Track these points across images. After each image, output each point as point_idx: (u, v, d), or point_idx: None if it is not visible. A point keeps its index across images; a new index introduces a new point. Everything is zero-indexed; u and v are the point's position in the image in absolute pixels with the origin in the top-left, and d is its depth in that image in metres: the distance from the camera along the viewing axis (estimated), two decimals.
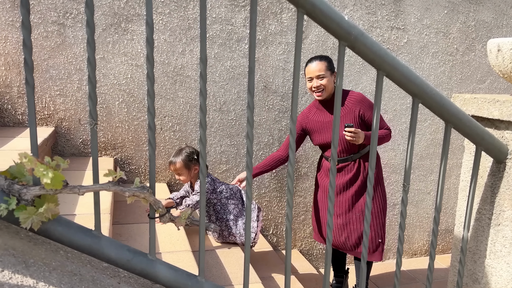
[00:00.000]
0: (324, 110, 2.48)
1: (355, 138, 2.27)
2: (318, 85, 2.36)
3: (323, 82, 2.36)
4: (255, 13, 0.99)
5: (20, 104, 2.56)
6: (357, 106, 2.41)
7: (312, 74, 2.37)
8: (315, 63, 2.37)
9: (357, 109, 2.40)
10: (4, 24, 2.46)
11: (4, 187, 0.93)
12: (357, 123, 2.41)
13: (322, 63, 2.36)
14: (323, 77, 2.36)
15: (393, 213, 3.65)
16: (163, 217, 1.06)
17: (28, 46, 0.90)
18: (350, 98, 2.43)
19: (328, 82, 2.37)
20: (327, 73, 2.36)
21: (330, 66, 2.39)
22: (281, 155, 2.58)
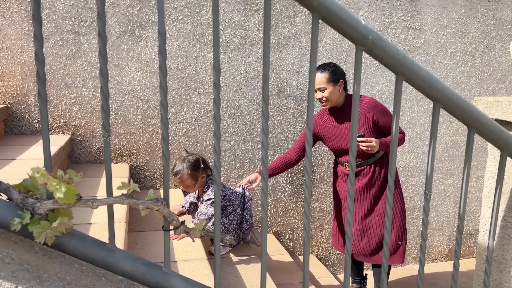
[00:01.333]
0: (335, 117, 2.45)
1: (370, 147, 2.24)
2: (320, 97, 2.34)
3: (324, 94, 2.33)
4: (268, 31, 0.97)
5: (37, 113, 2.59)
6: (370, 111, 2.36)
7: (315, 86, 2.34)
8: (317, 74, 2.33)
9: (370, 115, 2.36)
10: (21, 33, 2.49)
11: (18, 201, 0.92)
12: (371, 129, 2.36)
13: (322, 75, 2.32)
14: (324, 89, 2.32)
15: (412, 217, 3.58)
16: (178, 229, 1.04)
17: (40, 59, 0.89)
18: (362, 103, 2.38)
19: (331, 94, 2.32)
20: (329, 85, 2.32)
21: (333, 77, 2.32)
22: (290, 158, 2.52)
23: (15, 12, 2.47)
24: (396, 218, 2.44)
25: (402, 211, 2.47)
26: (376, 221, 2.43)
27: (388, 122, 2.38)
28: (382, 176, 2.43)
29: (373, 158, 2.41)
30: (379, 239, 2.43)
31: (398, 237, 2.44)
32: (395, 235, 2.43)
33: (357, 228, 2.46)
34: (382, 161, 2.43)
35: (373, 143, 2.24)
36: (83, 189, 2.13)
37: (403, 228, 2.46)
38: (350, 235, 1.15)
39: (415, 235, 3.62)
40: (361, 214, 2.44)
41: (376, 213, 2.43)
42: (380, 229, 2.42)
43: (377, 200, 2.43)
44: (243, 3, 2.83)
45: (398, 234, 2.44)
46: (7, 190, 0.94)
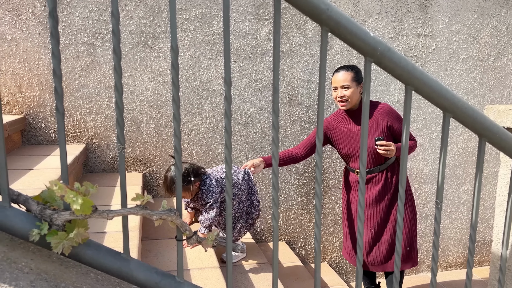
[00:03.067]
0: (349, 120, 2.43)
1: (389, 151, 2.24)
2: (342, 95, 2.32)
3: (347, 93, 2.31)
4: (278, 41, 0.99)
5: (53, 123, 2.65)
6: (384, 117, 2.36)
7: (337, 84, 2.33)
8: (341, 72, 2.33)
9: (385, 120, 2.36)
10: (37, 46, 2.56)
11: (37, 212, 0.95)
12: (385, 134, 2.36)
13: (348, 73, 2.32)
14: (347, 88, 2.31)
15: (425, 224, 3.54)
16: (190, 239, 1.06)
17: (58, 75, 0.93)
18: (378, 109, 2.39)
19: (353, 93, 2.32)
20: (353, 84, 2.31)
21: (356, 77, 2.33)
22: (297, 153, 2.48)
23: (32, 26, 2.54)
24: (405, 225, 2.43)
25: (412, 217, 2.45)
26: (387, 228, 2.42)
27: (400, 128, 2.38)
28: (394, 183, 2.42)
29: (384, 165, 2.40)
30: (389, 245, 2.41)
31: (405, 244, 2.43)
32: (403, 242, 2.42)
33: (369, 236, 2.44)
34: (393, 167, 2.43)
35: (392, 147, 2.24)
36: (98, 198, 2.17)
37: (411, 234, 2.44)
38: (361, 244, 1.15)
39: (429, 242, 3.58)
40: (373, 222, 2.43)
41: (389, 221, 2.42)
42: (388, 235, 2.41)
43: (389, 208, 2.42)
44: (254, 12, 2.86)
45: (405, 240, 2.43)
46: (26, 201, 0.97)
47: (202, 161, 2.91)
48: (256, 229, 3.12)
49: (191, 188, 2.16)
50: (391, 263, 2.43)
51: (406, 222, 2.43)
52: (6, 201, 0.94)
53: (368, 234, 2.45)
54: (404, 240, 2.42)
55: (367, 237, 2.45)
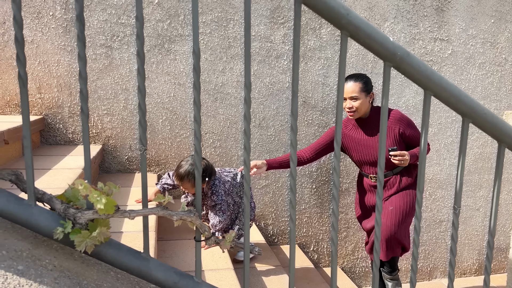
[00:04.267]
0: (360, 128, 2.43)
1: (403, 161, 2.24)
2: (350, 107, 2.31)
3: (355, 104, 2.30)
4: (298, 45, 1.00)
5: (71, 124, 2.69)
6: (396, 124, 2.35)
7: (346, 95, 2.32)
8: (350, 83, 2.31)
9: (396, 128, 2.35)
10: (57, 48, 2.61)
11: (61, 211, 0.98)
12: (397, 141, 2.35)
13: (356, 84, 2.30)
14: (356, 99, 2.30)
15: (440, 230, 3.51)
16: (209, 240, 1.07)
17: (84, 77, 0.95)
18: (389, 117, 2.37)
19: (361, 104, 2.31)
20: (361, 95, 2.30)
21: (365, 87, 2.31)
22: (302, 156, 2.47)
23: (52, 28, 2.59)
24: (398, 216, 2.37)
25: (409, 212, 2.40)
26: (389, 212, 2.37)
27: (414, 134, 2.37)
28: (408, 183, 2.42)
29: (397, 168, 2.40)
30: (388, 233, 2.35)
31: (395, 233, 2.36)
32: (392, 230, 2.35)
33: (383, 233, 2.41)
34: (408, 170, 2.42)
35: (406, 156, 2.24)
36: (114, 198, 2.20)
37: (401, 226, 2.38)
38: (378, 249, 1.15)
39: (443, 248, 3.55)
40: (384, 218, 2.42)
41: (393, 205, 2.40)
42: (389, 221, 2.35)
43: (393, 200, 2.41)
44: (269, 16, 2.88)
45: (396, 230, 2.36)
46: (50, 200, 0.99)
47: (216, 163, 2.93)
48: (268, 231, 3.13)
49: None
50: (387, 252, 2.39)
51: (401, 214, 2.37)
52: (32, 199, 0.96)
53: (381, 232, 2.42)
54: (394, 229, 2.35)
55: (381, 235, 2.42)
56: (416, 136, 2.38)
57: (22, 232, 1.03)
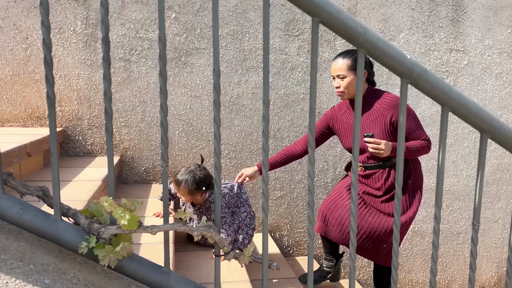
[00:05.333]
0: (352, 111, 2.22)
1: (378, 150, 2.00)
2: (338, 86, 2.13)
3: (342, 83, 2.11)
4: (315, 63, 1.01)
5: (90, 136, 2.75)
6: (389, 111, 2.10)
7: (334, 73, 2.14)
8: (337, 60, 2.13)
9: (389, 115, 2.10)
10: (77, 62, 2.68)
11: (85, 226, 1.00)
12: (388, 131, 2.11)
13: (344, 61, 2.10)
14: (343, 77, 2.10)
15: (457, 242, 3.46)
16: (228, 254, 1.09)
17: (108, 96, 0.99)
18: (383, 101, 2.14)
19: (350, 84, 2.10)
20: (349, 73, 2.09)
21: (355, 65, 2.09)
22: (296, 150, 2.33)
23: (72, 43, 2.66)
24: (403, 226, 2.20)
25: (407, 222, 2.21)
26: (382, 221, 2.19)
27: (410, 126, 2.11)
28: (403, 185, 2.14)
29: (389, 162, 2.17)
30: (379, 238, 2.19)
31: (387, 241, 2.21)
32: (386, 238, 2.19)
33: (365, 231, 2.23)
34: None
35: (381, 145, 1.99)
36: None
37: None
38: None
39: (461, 261, 3.49)
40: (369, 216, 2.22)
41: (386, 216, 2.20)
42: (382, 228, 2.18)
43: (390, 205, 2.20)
44: (284, 29, 2.91)
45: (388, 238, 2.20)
46: (75, 215, 1.02)
47: (231, 174, 2.95)
48: (283, 243, 3.12)
49: (197, 195, 2.13)
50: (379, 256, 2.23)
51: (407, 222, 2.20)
52: (58, 214, 1.00)
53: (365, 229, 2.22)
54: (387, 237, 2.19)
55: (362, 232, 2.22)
56: (412, 128, 2.11)
57: (48, 246, 1.07)
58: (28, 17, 2.61)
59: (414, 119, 2.13)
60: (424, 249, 3.37)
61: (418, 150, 2.08)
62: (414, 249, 3.35)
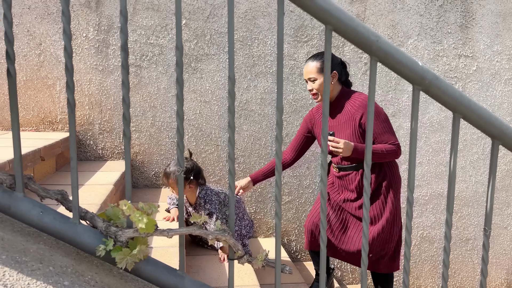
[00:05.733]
0: (331, 113, 2.21)
1: (337, 149, 1.99)
2: (310, 89, 2.14)
3: (314, 86, 2.11)
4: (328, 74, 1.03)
5: (101, 140, 2.79)
6: (358, 111, 2.08)
7: (305, 76, 2.15)
8: (308, 63, 2.13)
9: (358, 115, 2.08)
10: (89, 67, 2.72)
11: (102, 229, 1.03)
12: (357, 132, 2.09)
13: (314, 64, 2.10)
14: (314, 80, 2.10)
15: (466, 248, 3.44)
16: (242, 258, 1.10)
17: (127, 103, 1.01)
18: (354, 102, 2.12)
19: (321, 86, 2.09)
20: (320, 76, 2.09)
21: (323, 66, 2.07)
22: (285, 158, 2.34)
23: (85, 49, 2.71)
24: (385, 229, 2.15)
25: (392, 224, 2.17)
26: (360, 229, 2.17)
27: (377, 128, 2.07)
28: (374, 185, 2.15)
29: (362, 164, 2.13)
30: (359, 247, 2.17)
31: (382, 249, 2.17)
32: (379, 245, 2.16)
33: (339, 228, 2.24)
34: (373, 170, 2.15)
35: (340, 144, 1.97)
36: None
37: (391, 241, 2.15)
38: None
39: (470, 267, 3.47)
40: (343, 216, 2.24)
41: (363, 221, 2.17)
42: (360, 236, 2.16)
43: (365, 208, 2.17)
44: (293, 35, 2.93)
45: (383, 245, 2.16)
46: (93, 218, 1.05)
47: (239, 178, 2.97)
48: (291, 248, 3.13)
49: (185, 185, 2.19)
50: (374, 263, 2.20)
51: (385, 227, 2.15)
52: (76, 218, 1.02)
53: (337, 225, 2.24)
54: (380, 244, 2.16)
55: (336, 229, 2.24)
56: (380, 131, 2.07)
57: (65, 248, 1.09)
58: (42, 23, 2.66)
59: (384, 122, 2.09)
60: (433, 255, 3.36)
61: (384, 154, 2.05)
62: (422, 255, 3.34)
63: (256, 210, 3.05)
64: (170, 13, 2.77)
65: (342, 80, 2.18)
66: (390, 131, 2.10)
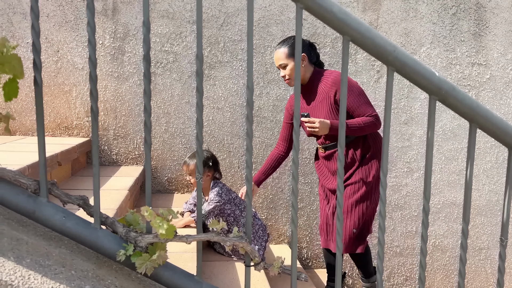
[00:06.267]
0: (303, 96, 2.24)
1: (313, 129, 2.03)
2: (283, 75, 2.16)
3: (286, 72, 2.13)
4: (345, 81, 1.05)
5: (115, 146, 2.83)
6: (332, 89, 2.09)
7: (276, 64, 2.17)
8: (276, 51, 2.16)
9: (332, 93, 2.09)
10: (105, 74, 2.77)
11: (122, 234, 1.05)
12: (334, 109, 2.11)
13: (281, 50, 2.12)
14: (285, 66, 2.13)
15: (479, 258, 3.40)
16: (258, 265, 1.11)
17: (148, 111, 1.03)
18: (325, 80, 2.13)
19: (292, 70, 2.11)
20: (289, 60, 2.11)
21: (292, 51, 2.10)
22: (280, 151, 2.37)
23: (101, 56, 2.76)
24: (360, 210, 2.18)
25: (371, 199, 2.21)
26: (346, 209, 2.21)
27: (353, 102, 2.08)
28: (357, 159, 2.18)
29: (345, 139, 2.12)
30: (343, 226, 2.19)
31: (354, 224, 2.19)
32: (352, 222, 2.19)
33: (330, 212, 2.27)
34: (357, 143, 2.17)
35: (316, 124, 2.02)
36: None
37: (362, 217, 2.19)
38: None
39: (483, 277, 3.43)
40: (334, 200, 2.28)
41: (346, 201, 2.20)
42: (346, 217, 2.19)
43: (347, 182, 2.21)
44: None
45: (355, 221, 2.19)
46: (113, 224, 1.07)
47: None
48: (302, 255, 3.13)
49: (204, 173, 2.29)
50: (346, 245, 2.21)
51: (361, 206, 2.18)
52: (98, 223, 1.04)
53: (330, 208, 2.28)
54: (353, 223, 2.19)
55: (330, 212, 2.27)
56: (355, 105, 2.08)
57: (86, 252, 1.11)
58: (60, 31, 2.72)
59: (359, 95, 2.10)
60: (445, 264, 3.33)
61: (362, 127, 2.06)
62: (434, 264, 3.32)
63: (268, 216, 3.05)
64: (185, 21, 2.81)
65: (313, 61, 2.20)
66: (366, 103, 2.11)
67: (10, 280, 0.89)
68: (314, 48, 2.23)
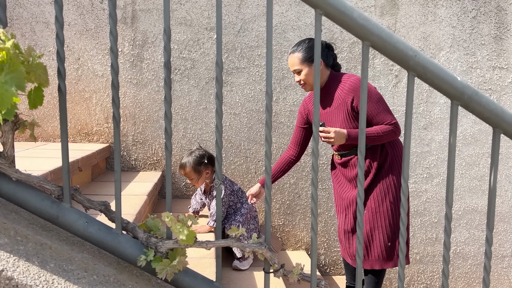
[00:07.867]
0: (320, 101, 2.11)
1: (328, 139, 1.97)
2: (298, 80, 2.11)
3: (301, 77, 2.08)
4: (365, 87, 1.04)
5: (134, 151, 2.86)
6: (349, 95, 2.02)
7: (291, 69, 2.12)
8: (290, 56, 2.10)
9: (349, 99, 2.02)
10: (124, 81, 2.81)
11: (143, 240, 1.06)
12: (351, 116, 2.04)
13: (295, 56, 2.06)
14: (299, 71, 2.07)
15: (502, 266, 3.32)
16: (277, 272, 1.11)
17: (169, 117, 1.05)
18: (343, 85, 2.06)
19: (308, 75, 2.06)
20: (303, 65, 2.05)
21: (306, 56, 2.04)
22: (290, 155, 2.31)
23: (120, 63, 2.80)
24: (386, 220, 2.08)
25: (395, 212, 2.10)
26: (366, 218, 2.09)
27: (371, 109, 2.00)
28: (374, 168, 2.09)
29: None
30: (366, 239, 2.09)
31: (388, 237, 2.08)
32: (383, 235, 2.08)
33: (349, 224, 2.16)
34: (375, 152, 2.08)
35: (331, 134, 1.95)
36: None
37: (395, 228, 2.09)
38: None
39: (506, 285, 3.34)
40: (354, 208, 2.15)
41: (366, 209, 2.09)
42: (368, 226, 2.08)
43: (367, 194, 2.11)
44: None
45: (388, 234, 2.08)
46: (134, 229, 1.08)
47: None
48: (320, 261, 3.10)
49: (202, 172, 2.31)
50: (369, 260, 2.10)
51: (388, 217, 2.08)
52: (119, 228, 1.05)
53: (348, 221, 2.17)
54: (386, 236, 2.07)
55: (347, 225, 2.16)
56: (374, 112, 2.00)
57: (107, 257, 1.12)
58: (80, 39, 2.78)
59: (378, 102, 2.02)
60: (467, 272, 3.26)
61: (380, 136, 1.99)
62: (456, 272, 3.25)
63: (285, 222, 3.04)
64: (202, 28, 2.84)
65: (330, 64, 2.13)
66: (385, 110, 2.03)
67: (35, 285, 0.91)
68: (331, 49, 2.17)
